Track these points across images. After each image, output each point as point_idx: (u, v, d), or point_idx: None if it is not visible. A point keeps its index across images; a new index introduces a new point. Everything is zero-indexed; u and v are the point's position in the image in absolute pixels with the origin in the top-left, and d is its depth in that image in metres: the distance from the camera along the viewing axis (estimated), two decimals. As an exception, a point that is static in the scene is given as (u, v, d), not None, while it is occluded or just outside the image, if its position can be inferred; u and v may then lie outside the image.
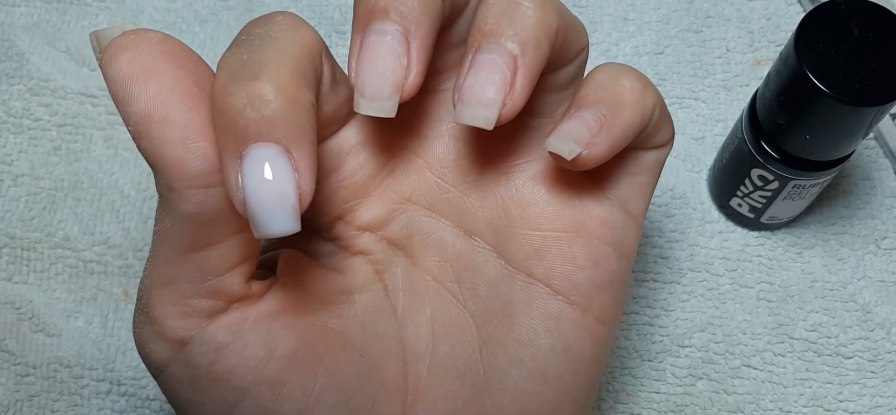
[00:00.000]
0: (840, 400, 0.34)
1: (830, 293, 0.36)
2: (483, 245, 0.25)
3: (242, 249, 0.21)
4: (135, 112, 0.18)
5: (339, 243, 0.25)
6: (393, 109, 0.20)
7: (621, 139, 0.22)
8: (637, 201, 0.25)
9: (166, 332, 0.21)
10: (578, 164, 0.22)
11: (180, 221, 0.19)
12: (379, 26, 0.20)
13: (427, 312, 0.25)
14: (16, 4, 0.41)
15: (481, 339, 0.24)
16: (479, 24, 0.21)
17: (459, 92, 0.20)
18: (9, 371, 0.35)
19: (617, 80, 0.22)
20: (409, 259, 0.25)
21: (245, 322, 0.21)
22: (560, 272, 0.24)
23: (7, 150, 0.38)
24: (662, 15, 0.41)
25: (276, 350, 0.22)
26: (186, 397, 0.22)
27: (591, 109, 0.22)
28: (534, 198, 0.24)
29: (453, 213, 0.25)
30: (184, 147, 0.18)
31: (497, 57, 0.20)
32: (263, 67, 0.19)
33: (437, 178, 0.24)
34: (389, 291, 0.25)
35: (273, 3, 0.41)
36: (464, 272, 0.25)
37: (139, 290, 0.22)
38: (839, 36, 0.28)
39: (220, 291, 0.21)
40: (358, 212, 0.24)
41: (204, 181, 0.19)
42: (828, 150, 0.31)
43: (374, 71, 0.20)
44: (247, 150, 0.18)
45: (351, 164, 0.24)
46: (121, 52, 0.18)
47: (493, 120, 0.20)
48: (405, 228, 0.25)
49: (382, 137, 0.24)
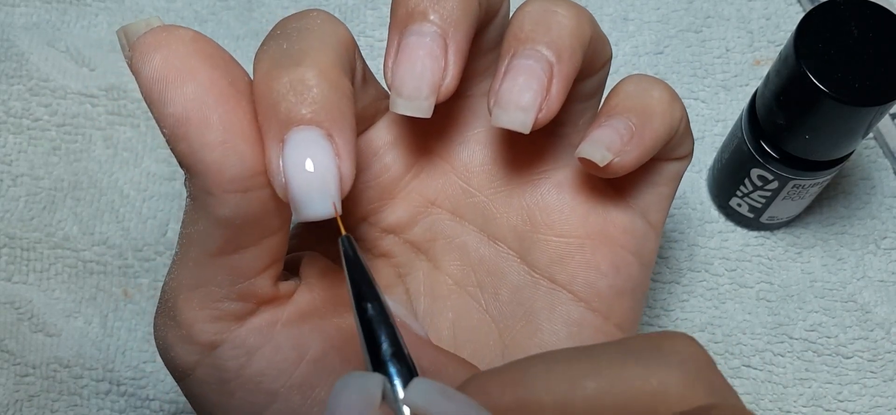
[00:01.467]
0: (840, 400, 0.34)
1: (830, 293, 0.36)
2: (506, 250, 0.25)
3: (272, 252, 0.21)
4: (171, 114, 0.18)
5: (362, 245, 0.25)
6: (429, 109, 0.20)
7: (650, 149, 0.22)
8: (657, 211, 0.25)
9: (195, 335, 0.20)
10: (609, 171, 0.22)
11: (215, 225, 0.19)
12: (418, 27, 0.20)
13: (449, 315, 0.25)
14: (16, 4, 0.41)
15: (504, 343, 0.24)
16: (515, 30, 0.21)
17: (496, 96, 0.21)
18: (8, 371, 0.35)
19: (647, 91, 0.23)
20: (431, 263, 0.25)
21: (275, 325, 0.21)
22: (583, 279, 0.24)
23: (7, 150, 0.38)
24: (662, 15, 0.41)
25: (306, 353, 0.21)
26: (213, 401, 0.21)
27: (622, 118, 0.22)
28: (558, 205, 0.24)
29: (477, 217, 0.25)
30: (223, 150, 0.18)
31: (534, 63, 0.20)
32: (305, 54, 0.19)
33: (463, 182, 0.25)
34: (410, 294, 0.25)
35: (273, 4, 0.41)
36: (486, 277, 0.25)
37: (164, 293, 0.21)
38: (839, 36, 0.28)
39: (250, 293, 0.21)
40: (383, 214, 0.24)
41: (242, 185, 0.18)
42: (827, 150, 0.31)
43: (412, 71, 0.20)
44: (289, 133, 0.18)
45: (377, 165, 0.24)
46: (154, 52, 0.18)
47: (530, 124, 0.21)
48: (429, 232, 0.25)
49: (409, 140, 0.24)
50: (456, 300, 0.25)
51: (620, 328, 0.24)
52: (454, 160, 0.25)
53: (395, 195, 0.24)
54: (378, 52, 0.41)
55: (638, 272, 0.25)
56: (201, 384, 0.21)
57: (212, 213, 0.19)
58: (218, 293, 0.20)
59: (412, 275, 0.25)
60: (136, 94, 0.39)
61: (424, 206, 0.25)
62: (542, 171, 0.25)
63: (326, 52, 0.19)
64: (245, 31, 0.41)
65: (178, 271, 0.20)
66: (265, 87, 0.18)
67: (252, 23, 0.41)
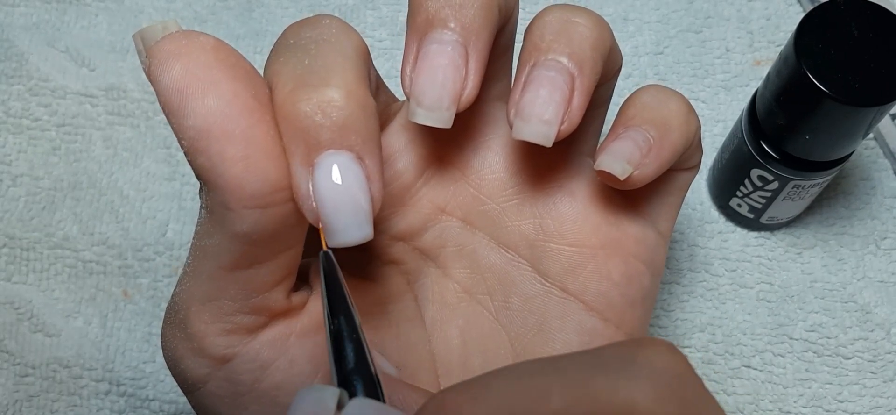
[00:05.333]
0: (840, 401, 0.34)
1: (830, 294, 0.36)
2: (518, 259, 0.24)
3: (287, 265, 0.20)
4: (192, 126, 0.17)
5: (371, 252, 0.24)
6: (450, 119, 0.20)
7: (668, 161, 0.22)
8: (666, 220, 0.25)
9: (207, 349, 0.20)
10: (628, 183, 0.22)
11: (231, 240, 0.19)
12: (438, 35, 0.20)
13: (458, 323, 0.24)
14: (15, 4, 0.41)
15: (515, 352, 0.24)
16: (535, 39, 0.21)
17: (517, 108, 0.20)
18: (8, 371, 0.35)
19: (664, 103, 0.22)
20: (440, 270, 0.25)
21: (289, 337, 0.21)
22: (595, 289, 0.24)
23: (6, 150, 0.38)
24: (662, 15, 0.41)
25: (322, 366, 0.21)
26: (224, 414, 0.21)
27: (641, 130, 0.22)
28: (571, 214, 0.24)
29: (488, 225, 0.24)
30: (245, 165, 0.17)
31: (556, 74, 0.20)
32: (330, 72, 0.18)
33: (475, 189, 0.24)
34: (419, 301, 0.25)
35: (272, 4, 0.41)
36: (496, 285, 0.25)
37: (174, 304, 0.21)
38: (839, 36, 0.28)
39: (263, 307, 0.20)
40: (393, 221, 0.24)
41: (261, 201, 0.18)
42: (827, 150, 0.31)
43: (433, 81, 0.20)
44: (319, 157, 0.18)
45: (388, 173, 0.23)
46: (174, 60, 0.17)
47: (553, 137, 0.20)
48: (439, 239, 0.24)
49: (421, 147, 0.24)
50: (465, 308, 0.25)
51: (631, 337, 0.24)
52: (466, 167, 0.24)
53: (406, 202, 0.24)
54: (378, 53, 0.40)
55: (649, 282, 0.24)
56: (212, 398, 0.21)
57: (229, 228, 0.18)
58: (231, 307, 0.20)
59: (421, 282, 0.25)
60: (136, 95, 0.39)
61: (435, 213, 0.24)
62: (554, 179, 0.24)
63: (350, 68, 0.18)
64: (245, 31, 0.41)
65: (189, 283, 0.20)
66: (291, 107, 0.18)
67: (252, 23, 0.41)
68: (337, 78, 0.18)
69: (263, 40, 0.40)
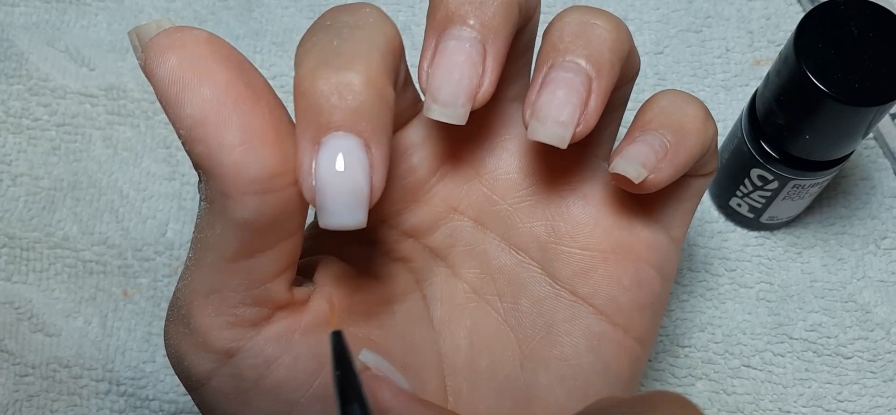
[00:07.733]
0: (839, 400, 0.34)
1: (830, 293, 0.36)
2: (528, 260, 0.24)
3: (288, 255, 0.20)
4: (188, 116, 0.17)
5: (380, 247, 0.24)
6: (465, 116, 0.20)
7: (684, 166, 0.22)
8: (679, 225, 0.25)
9: (211, 343, 0.20)
10: (643, 187, 0.22)
11: (232, 228, 0.19)
12: (458, 32, 0.20)
13: (466, 323, 0.24)
14: (15, 4, 0.41)
15: (523, 354, 0.24)
16: (553, 40, 0.21)
17: (534, 108, 0.20)
18: (8, 371, 0.35)
19: (681, 108, 0.22)
20: (449, 269, 0.25)
21: (293, 333, 0.21)
22: (605, 293, 0.24)
23: (6, 149, 0.38)
24: (662, 15, 0.41)
25: (325, 363, 0.21)
26: (229, 411, 0.21)
27: (657, 134, 0.22)
28: (583, 217, 0.24)
29: (500, 226, 0.24)
30: (242, 151, 0.18)
31: (573, 76, 0.20)
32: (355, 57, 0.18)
33: (488, 189, 0.24)
34: (427, 300, 0.24)
35: (272, 4, 0.41)
36: (506, 286, 0.24)
37: (176, 300, 0.21)
38: (839, 36, 0.28)
39: (265, 299, 0.20)
40: (404, 216, 0.24)
41: (261, 187, 0.18)
42: (827, 150, 0.31)
43: (450, 77, 0.20)
44: (326, 137, 0.18)
45: (403, 167, 0.23)
46: (168, 53, 0.17)
47: (568, 139, 0.20)
48: (449, 238, 0.24)
49: (437, 144, 0.23)
50: (474, 308, 0.24)
51: (639, 342, 0.24)
52: (480, 166, 0.24)
53: (419, 198, 0.24)
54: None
55: (659, 287, 0.24)
56: (217, 394, 0.21)
57: (229, 215, 0.18)
58: (233, 299, 0.20)
59: (430, 281, 0.25)
60: (136, 94, 0.39)
61: (447, 211, 0.24)
62: (567, 182, 0.24)
63: (376, 57, 0.18)
64: (245, 31, 0.41)
65: (191, 277, 0.20)
66: (309, 84, 0.18)
67: (252, 23, 0.41)
68: (360, 63, 0.18)
69: (263, 40, 0.40)
